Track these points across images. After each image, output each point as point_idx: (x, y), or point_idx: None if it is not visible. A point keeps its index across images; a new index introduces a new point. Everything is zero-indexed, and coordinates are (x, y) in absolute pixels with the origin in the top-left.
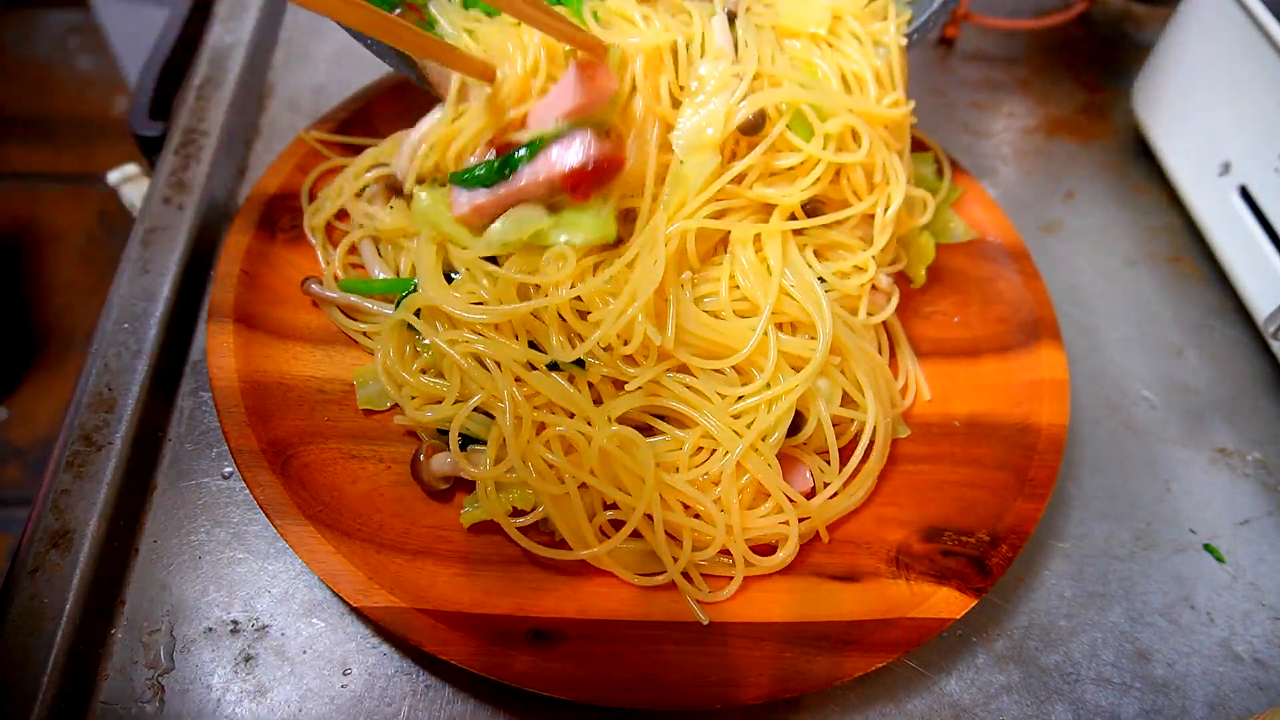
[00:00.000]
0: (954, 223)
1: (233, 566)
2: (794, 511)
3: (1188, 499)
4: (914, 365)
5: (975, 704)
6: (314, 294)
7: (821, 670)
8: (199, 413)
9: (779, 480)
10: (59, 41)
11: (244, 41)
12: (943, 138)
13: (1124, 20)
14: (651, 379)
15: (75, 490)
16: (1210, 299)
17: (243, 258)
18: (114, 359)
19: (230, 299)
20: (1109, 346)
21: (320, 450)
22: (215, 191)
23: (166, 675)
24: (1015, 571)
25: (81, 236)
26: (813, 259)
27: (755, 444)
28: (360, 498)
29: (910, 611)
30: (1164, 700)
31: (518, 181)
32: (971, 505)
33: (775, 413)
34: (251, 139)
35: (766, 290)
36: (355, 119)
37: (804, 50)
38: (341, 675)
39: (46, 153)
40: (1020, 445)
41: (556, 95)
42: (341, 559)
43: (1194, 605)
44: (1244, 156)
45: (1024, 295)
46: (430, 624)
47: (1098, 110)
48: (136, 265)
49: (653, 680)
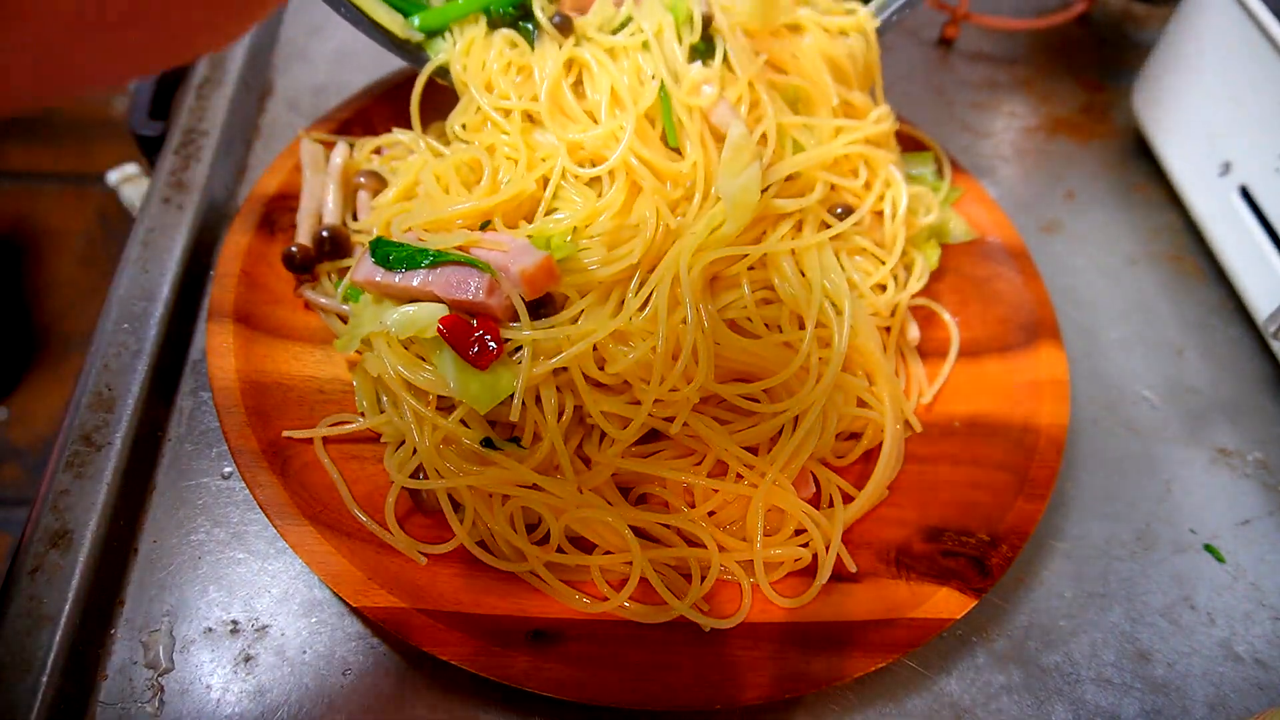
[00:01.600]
0: (954, 223)
1: (233, 566)
2: (820, 537)
3: (1188, 499)
4: (918, 366)
5: (975, 704)
6: (309, 299)
7: (821, 670)
8: (199, 413)
9: (801, 503)
10: None
11: (244, 41)
12: (943, 138)
13: (1124, 20)
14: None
15: (75, 490)
16: (1210, 299)
17: (243, 258)
18: (114, 359)
19: (230, 299)
20: (1109, 346)
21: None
22: (215, 191)
23: (166, 675)
24: (1015, 571)
25: (81, 236)
26: (847, 263)
27: (778, 479)
28: (360, 498)
29: (910, 612)
30: (1164, 700)
31: (410, 280)
32: (972, 505)
33: (799, 434)
34: (251, 139)
35: (810, 301)
36: (355, 119)
37: (778, 52)
38: (341, 675)
39: (46, 153)
40: (1020, 445)
41: (512, 248)
42: (341, 559)
43: (1194, 605)
44: (1244, 156)
45: (1024, 295)
46: (430, 624)
47: (1098, 110)
48: (136, 265)
49: (652, 680)
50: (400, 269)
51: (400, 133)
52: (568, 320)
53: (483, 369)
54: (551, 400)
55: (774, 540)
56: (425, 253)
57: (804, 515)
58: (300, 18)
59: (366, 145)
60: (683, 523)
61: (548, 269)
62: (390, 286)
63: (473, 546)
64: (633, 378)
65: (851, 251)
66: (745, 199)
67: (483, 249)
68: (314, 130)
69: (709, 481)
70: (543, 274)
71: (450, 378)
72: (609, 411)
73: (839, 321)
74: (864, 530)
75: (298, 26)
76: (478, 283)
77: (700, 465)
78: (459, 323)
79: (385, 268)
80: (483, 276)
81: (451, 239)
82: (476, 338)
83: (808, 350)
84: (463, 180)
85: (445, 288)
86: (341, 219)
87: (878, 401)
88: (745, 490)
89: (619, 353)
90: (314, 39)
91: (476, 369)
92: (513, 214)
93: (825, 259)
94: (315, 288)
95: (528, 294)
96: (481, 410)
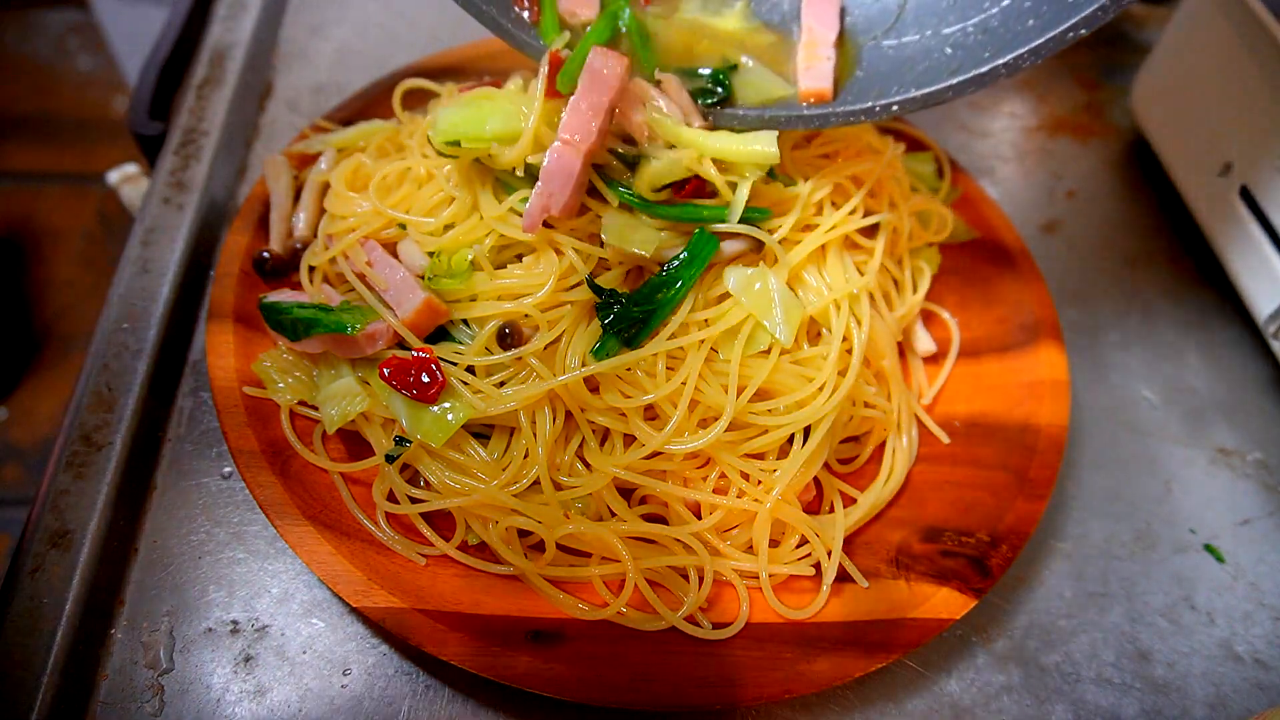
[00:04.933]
0: (954, 223)
1: (233, 566)
2: (821, 548)
3: (1188, 499)
4: (918, 367)
5: (975, 704)
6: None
7: (821, 670)
8: (199, 413)
9: (804, 516)
10: (59, 41)
11: (244, 41)
12: (942, 138)
13: (1124, 20)
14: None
15: (75, 490)
16: (1210, 299)
17: (243, 258)
18: (114, 359)
19: (230, 299)
20: (1109, 346)
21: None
22: (215, 191)
23: (166, 675)
24: (1015, 571)
25: (81, 236)
26: (856, 275)
27: (786, 497)
28: (361, 498)
29: (910, 612)
30: (1164, 700)
31: (310, 346)
32: (971, 505)
33: (810, 446)
34: (251, 139)
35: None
36: (355, 119)
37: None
38: (341, 675)
39: (46, 152)
40: (1020, 445)
41: (391, 285)
42: (341, 559)
43: (1194, 605)
44: (1244, 156)
45: (1024, 295)
46: (430, 624)
47: (1098, 110)
48: (136, 265)
49: (653, 681)
50: (289, 336)
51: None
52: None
53: (431, 403)
54: (545, 423)
55: (778, 552)
56: (304, 320)
57: (806, 528)
58: (300, 18)
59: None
60: (679, 534)
61: (430, 310)
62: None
63: (462, 557)
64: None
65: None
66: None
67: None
68: (313, 131)
69: (713, 498)
70: (426, 317)
71: (402, 416)
72: (606, 412)
73: (858, 333)
74: (864, 530)
75: (298, 26)
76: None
77: (704, 468)
78: (399, 364)
79: (279, 333)
80: (382, 325)
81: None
82: (414, 375)
83: (830, 372)
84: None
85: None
86: (312, 228)
87: (885, 401)
88: (750, 507)
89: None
90: (314, 39)
91: (426, 404)
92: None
93: (850, 272)
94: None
95: (419, 336)
96: (437, 445)
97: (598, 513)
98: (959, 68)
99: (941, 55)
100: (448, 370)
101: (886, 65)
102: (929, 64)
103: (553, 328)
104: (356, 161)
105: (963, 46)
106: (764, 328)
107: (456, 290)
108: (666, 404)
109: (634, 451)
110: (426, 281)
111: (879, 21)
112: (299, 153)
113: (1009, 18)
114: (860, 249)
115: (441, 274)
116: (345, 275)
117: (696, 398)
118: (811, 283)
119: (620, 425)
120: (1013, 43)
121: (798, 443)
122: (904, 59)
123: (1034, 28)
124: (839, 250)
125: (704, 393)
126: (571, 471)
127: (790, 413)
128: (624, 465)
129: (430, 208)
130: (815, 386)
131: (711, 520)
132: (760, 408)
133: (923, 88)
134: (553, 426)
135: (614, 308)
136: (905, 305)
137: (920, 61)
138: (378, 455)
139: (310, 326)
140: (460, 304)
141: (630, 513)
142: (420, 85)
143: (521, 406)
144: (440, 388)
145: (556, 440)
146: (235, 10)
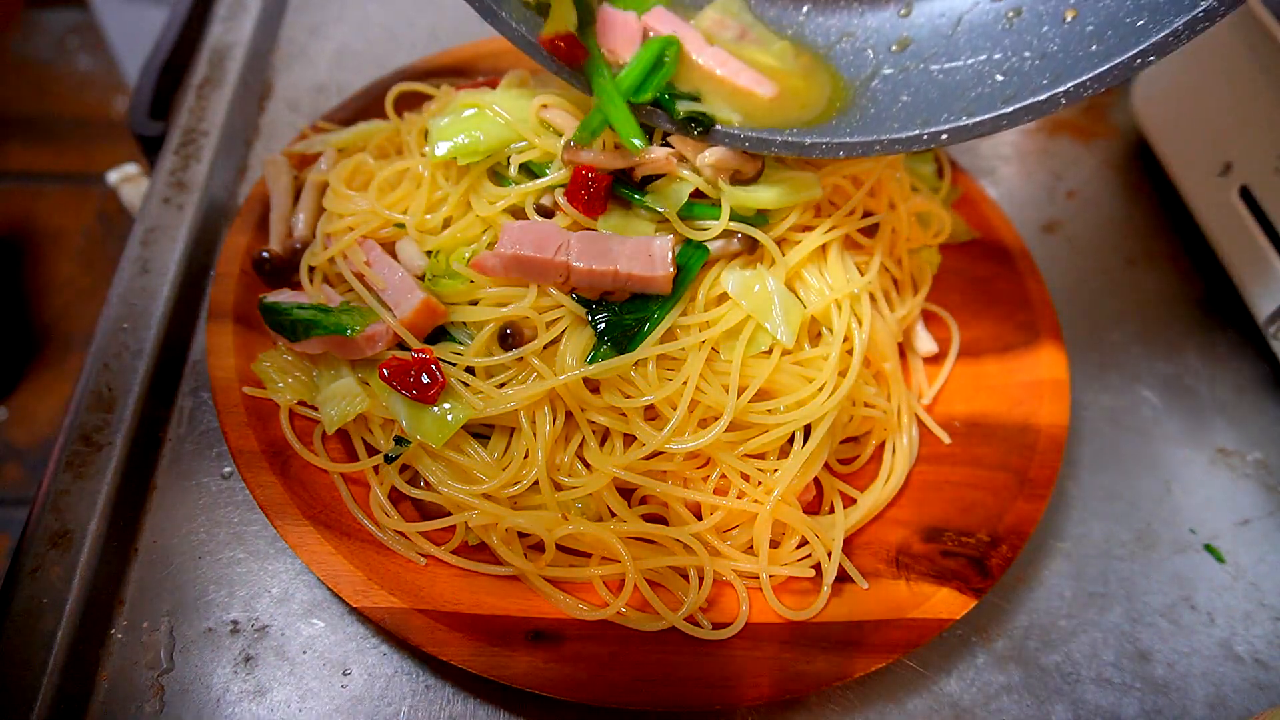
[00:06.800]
0: (954, 223)
1: (233, 566)
2: (821, 549)
3: (1188, 499)
4: (918, 367)
5: (975, 704)
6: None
7: (821, 670)
8: (199, 413)
9: (804, 518)
10: (59, 41)
11: (244, 41)
12: None
13: None
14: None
15: (75, 490)
16: (1210, 299)
17: (242, 258)
18: (114, 359)
19: (230, 299)
20: (1109, 346)
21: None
22: (215, 191)
23: (166, 675)
24: (1015, 571)
25: (81, 236)
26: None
27: (786, 498)
28: (360, 498)
29: (910, 612)
30: (1164, 700)
31: (310, 347)
32: (971, 505)
33: (810, 446)
34: (251, 139)
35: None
36: (355, 119)
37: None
38: (341, 675)
39: (46, 153)
40: (1020, 445)
41: (390, 285)
42: (341, 559)
43: (1194, 605)
44: (1244, 156)
45: (1024, 295)
46: (430, 624)
47: (1098, 110)
48: (136, 265)
49: (652, 681)
50: (289, 337)
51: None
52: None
53: (431, 404)
54: (544, 424)
55: (778, 553)
56: (304, 322)
57: (806, 529)
58: (300, 18)
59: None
60: (679, 534)
61: (428, 310)
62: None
63: (458, 562)
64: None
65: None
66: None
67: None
68: (313, 131)
69: (713, 499)
70: (424, 317)
71: (402, 417)
72: (606, 412)
73: (859, 333)
74: (863, 530)
75: (298, 26)
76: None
77: (704, 468)
78: (399, 364)
79: (279, 334)
80: (381, 327)
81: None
82: (414, 376)
83: (830, 373)
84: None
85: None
86: (312, 228)
87: (885, 401)
88: (750, 508)
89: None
90: (314, 39)
91: (426, 405)
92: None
93: (851, 271)
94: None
95: (417, 336)
96: (437, 445)
97: (598, 513)
98: (1014, 95)
99: (994, 82)
100: (447, 370)
101: (936, 91)
102: (980, 90)
103: (551, 329)
104: (356, 160)
105: (1018, 73)
106: (765, 329)
107: (456, 291)
108: (666, 404)
109: (634, 451)
110: (426, 282)
111: (928, 45)
112: (299, 153)
113: (1069, 43)
114: (861, 249)
115: (441, 274)
116: (344, 275)
117: (697, 398)
118: (812, 282)
119: (620, 425)
120: (1074, 69)
121: (798, 443)
122: (954, 85)
123: (1098, 53)
124: (840, 250)
125: (704, 393)
126: (571, 472)
127: (790, 412)
128: (624, 465)
129: (428, 205)
130: (815, 386)
131: (711, 521)
132: (760, 407)
133: (974, 116)
134: (553, 427)
135: (604, 316)
136: (906, 305)
137: (972, 88)
138: (369, 460)
139: (310, 328)
140: (459, 307)
141: (630, 513)
142: (414, 89)
143: (522, 406)
144: (440, 388)
145: (556, 440)
146: (235, 10)
